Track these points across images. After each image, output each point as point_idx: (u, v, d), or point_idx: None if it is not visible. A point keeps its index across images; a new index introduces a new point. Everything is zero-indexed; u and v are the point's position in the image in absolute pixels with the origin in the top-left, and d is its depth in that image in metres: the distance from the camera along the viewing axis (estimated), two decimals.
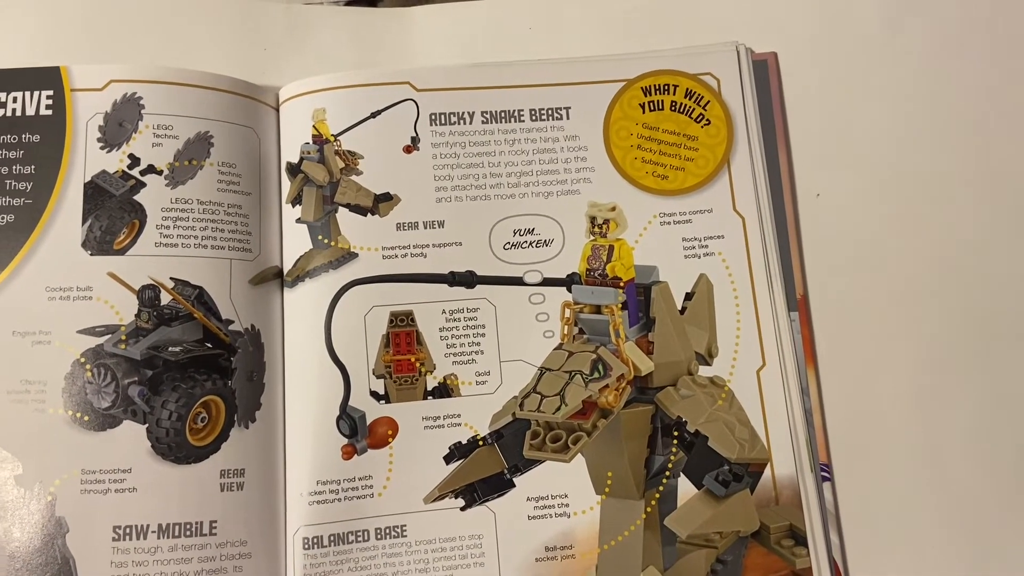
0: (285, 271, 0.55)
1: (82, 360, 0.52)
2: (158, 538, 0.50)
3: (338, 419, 0.53)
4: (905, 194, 0.58)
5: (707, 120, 0.58)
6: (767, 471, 0.53)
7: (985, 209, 0.58)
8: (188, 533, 0.50)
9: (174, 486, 0.51)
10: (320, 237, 0.56)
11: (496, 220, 0.57)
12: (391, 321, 0.55)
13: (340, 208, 0.56)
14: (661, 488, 0.52)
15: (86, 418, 0.51)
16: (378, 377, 0.54)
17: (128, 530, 0.50)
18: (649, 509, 0.52)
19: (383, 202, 0.56)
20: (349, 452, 0.53)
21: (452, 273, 0.55)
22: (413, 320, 0.55)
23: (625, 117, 0.58)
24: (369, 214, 0.56)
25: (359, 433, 0.53)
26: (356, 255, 0.55)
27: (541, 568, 0.52)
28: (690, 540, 0.53)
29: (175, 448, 0.51)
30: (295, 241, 0.56)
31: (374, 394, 0.54)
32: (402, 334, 0.54)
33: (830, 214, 0.58)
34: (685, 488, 0.52)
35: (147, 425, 0.51)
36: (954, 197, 0.58)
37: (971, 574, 0.53)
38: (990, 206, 0.58)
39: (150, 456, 0.51)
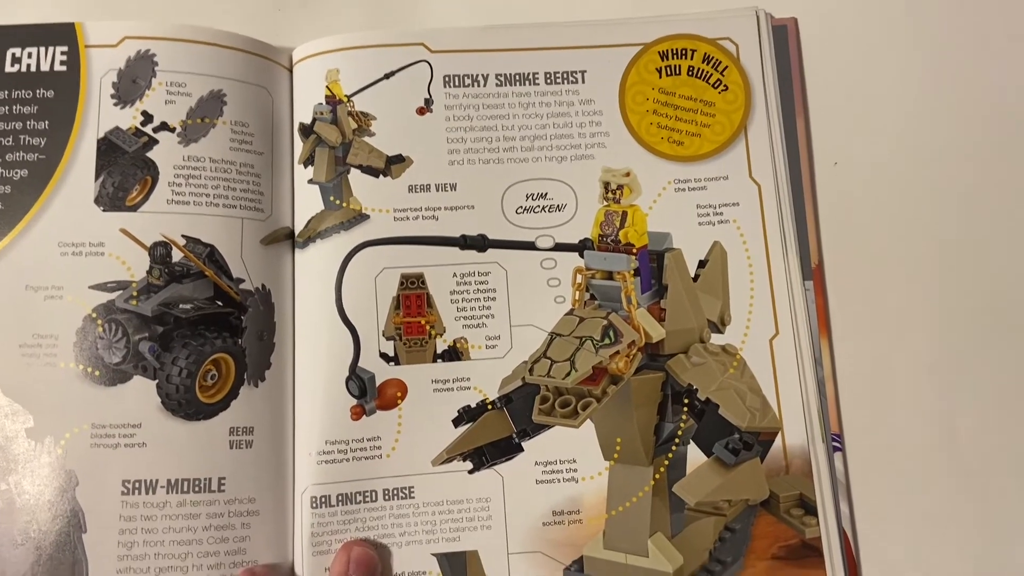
0: (296, 232, 0.56)
1: (93, 315, 0.52)
2: (167, 493, 0.51)
3: (347, 380, 0.53)
4: (924, 164, 0.58)
5: (724, 86, 0.58)
6: (777, 440, 0.53)
7: (1006, 180, 0.57)
8: (197, 489, 0.51)
9: (183, 442, 0.51)
10: (332, 198, 0.56)
11: (509, 184, 0.56)
12: (402, 283, 0.55)
13: (352, 169, 0.56)
14: (670, 455, 0.52)
15: (97, 373, 0.52)
16: (388, 339, 0.54)
17: (137, 484, 0.50)
18: (658, 476, 0.52)
19: (395, 164, 0.56)
20: (358, 413, 0.53)
21: (464, 236, 0.55)
22: (424, 283, 0.55)
23: (641, 82, 0.58)
24: (381, 176, 0.56)
25: (368, 394, 0.53)
26: (368, 216, 0.55)
27: (548, 532, 0.52)
28: (698, 507, 0.53)
29: (185, 405, 0.52)
30: (307, 202, 0.56)
31: (384, 356, 0.54)
32: (412, 296, 0.54)
33: (847, 183, 0.58)
34: (694, 455, 0.52)
35: (157, 381, 0.52)
36: (974, 167, 0.58)
37: (982, 546, 0.53)
38: (1011, 177, 0.57)
39: (160, 412, 0.51)
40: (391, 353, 0.54)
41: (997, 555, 0.53)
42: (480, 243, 0.55)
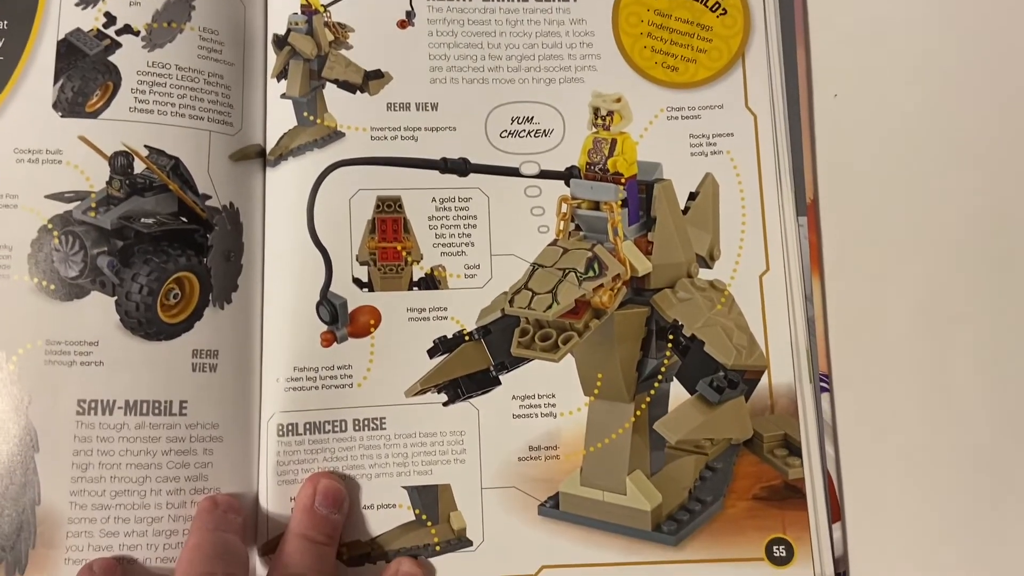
0: (268, 149, 0.53)
1: (49, 226, 0.50)
2: (125, 415, 0.49)
3: (318, 305, 0.51)
4: (926, 100, 0.56)
5: (723, 9, 0.56)
6: (763, 379, 0.52)
7: (1007, 122, 0.56)
8: (157, 412, 0.49)
9: (143, 363, 0.49)
10: (305, 114, 0.53)
11: (493, 106, 0.54)
12: (377, 206, 0.53)
13: (328, 84, 0.54)
14: (652, 392, 0.51)
15: (52, 287, 0.49)
16: (362, 264, 0.52)
17: (93, 404, 0.49)
18: (639, 413, 0.51)
19: (373, 80, 0.54)
20: (328, 339, 0.51)
21: (444, 159, 0.53)
22: (401, 206, 0.53)
23: (636, 2, 0.56)
24: (358, 92, 0.54)
25: (340, 320, 0.51)
26: (343, 134, 0.53)
27: (524, 467, 0.51)
28: (679, 446, 0.53)
29: (145, 323, 0.49)
30: (279, 118, 0.54)
31: (357, 281, 0.52)
32: (388, 220, 0.53)
33: (847, 116, 0.56)
34: (677, 393, 0.51)
35: (116, 298, 0.50)
36: (980, 104, 0.56)
37: (969, 489, 0.52)
38: (1013, 119, 0.56)
39: (118, 330, 0.49)
40: (365, 279, 0.52)
41: (985, 497, 0.52)
42: (461, 167, 0.53)
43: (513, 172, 0.54)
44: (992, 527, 0.52)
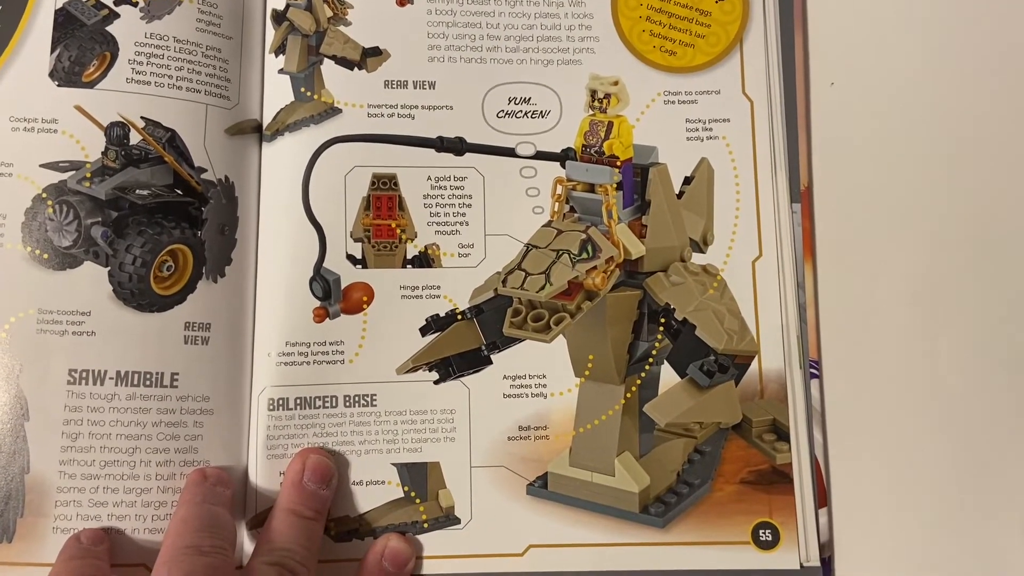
0: (264, 125, 0.54)
1: (44, 195, 0.50)
2: (116, 385, 0.49)
3: (311, 280, 0.52)
4: (923, 90, 0.57)
5: None
6: (754, 364, 0.53)
7: (1008, 108, 0.56)
8: (148, 383, 0.50)
9: (135, 334, 0.50)
10: (303, 90, 0.54)
11: (491, 86, 0.55)
12: (373, 183, 0.53)
13: (325, 60, 0.54)
14: (643, 374, 0.52)
15: (45, 256, 0.50)
16: (356, 240, 0.53)
17: (84, 374, 0.49)
18: (629, 395, 0.52)
19: (371, 57, 0.54)
20: (321, 315, 0.52)
21: (440, 138, 0.54)
22: (396, 184, 0.53)
23: None
24: (356, 69, 0.54)
25: (332, 297, 0.52)
26: (340, 111, 0.54)
27: (513, 447, 0.52)
28: (669, 428, 0.54)
29: (138, 295, 0.50)
30: (277, 94, 0.54)
31: (351, 258, 0.53)
32: (384, 198, 0.53)
33: (843, 104, 0.57)
34: (668, 376, 0.52)
35: (109, 268, 0.50)
36: (974, 97, 0.57)
37: (957, 476, 0.53)
38: (1010, 109, 0.56)
39: (111, 301, 0.50)
40: (358, 256, 0.53)
41: (972, 484, 0.53)
42: (458, 146, 0.54)
43: (509, 152, 0.54)
44: (979, 515, 0.53)
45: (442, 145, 0.54)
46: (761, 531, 0.52)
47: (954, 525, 0.53)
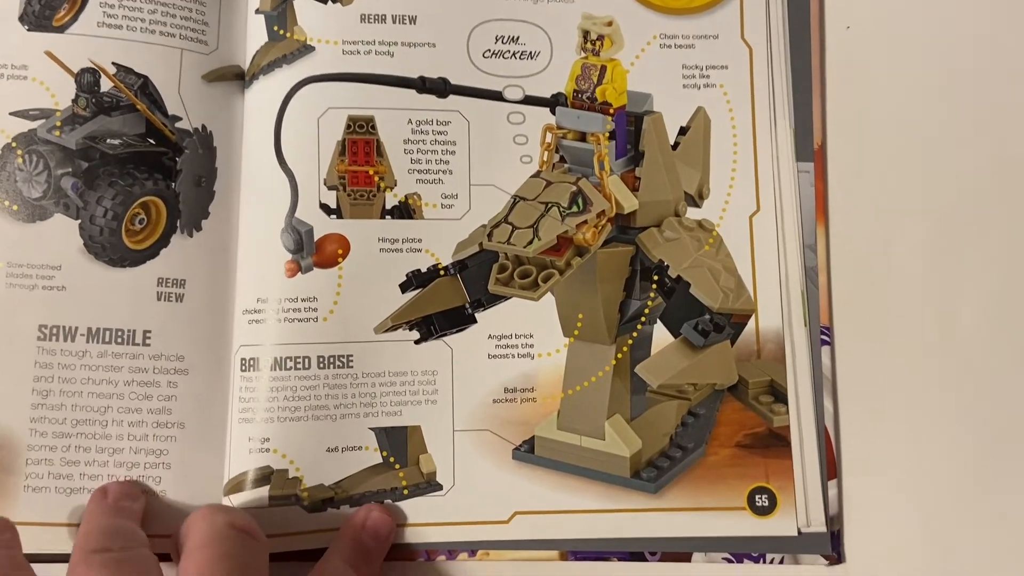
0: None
1: (13, 144, 0.50)
2: (87, 342, 0.49)
3: (282, 231, 0.51)
4: (946, 37, 0.54)
5: None
6: (750, 323, 0.51)
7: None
8: (119, 340, 0.49)
9: (106, 289, 0.49)
10: (276, 28, 0.52)
11: (476, 22, 0.53)
12: (348, 126, 0.52)
13: None
14: (635, 334, 0.51)
15: (15, 207, 0.49)
16: (330, 188, 0.52)
17: (55, 330, 0.48)
18: (620, 355, 0.50)
19: None
20: (292, 269, 0.50)
21: (422, 78, 0.52)
22: (374, 127, 0.52)
23: None
24: (330, 2, 0.53)
25: (304, 249, 0.50)
26: (313, 48, 0.52)
27: (498, 409, 0.51)
28: (661, 390, 0.52)
29: (109, 249, 0.49)
30: (255, 36, 0.53)
31: (324, 207, 0.51)
32: (360, 142, 0.52)
33: (860, 51, 0.55)
34: (660, 336, 0.50)
35: (80, 221, 0.49)
36: (1004, 44, 0.54)
37: (974, 447, 0.51)
38: None
39: (82, 255, 0.49)
40: (333, 205, 0.51)
41: (989, 458, 0.51)
42: (440, 87, 0.52)
43: (496, 96, 0.53)
44: (998, 487, 0.51)
45: (423, 86, 0.52)
46: (757, 496, 0.50)
47: (970, 497, 0.51)
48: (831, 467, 0.51)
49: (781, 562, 0.50)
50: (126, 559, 0.43)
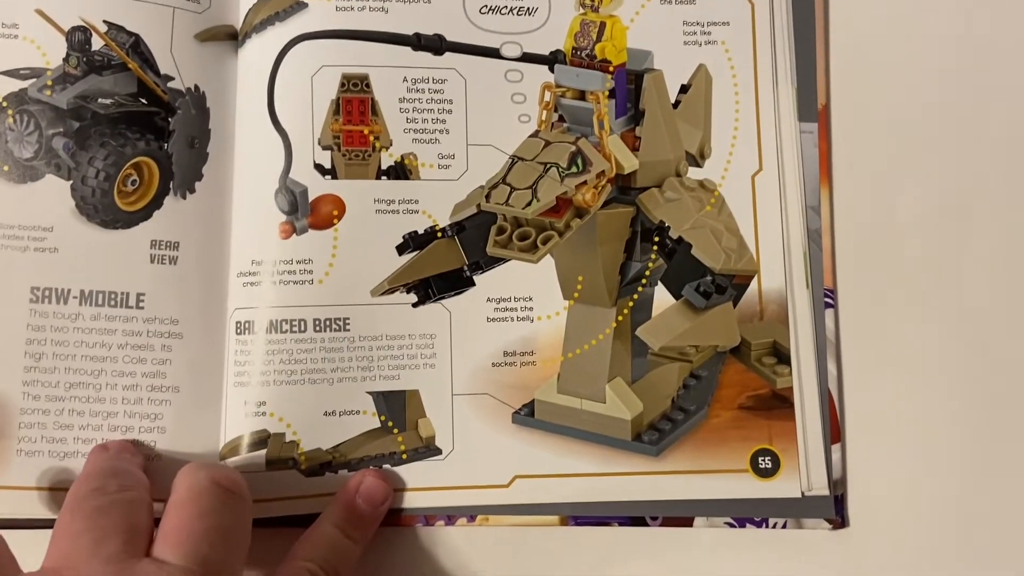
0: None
1: (4, 104, 0.49)
2: (80, 304, 0.48)
3: (276, 192, 0.50)
4: None
5: None
6: (753, 284, 0.51)
7: None
8: (112, 303, 0.49)
9: (99, 251, 0.49)
10: None
11: None
12: (343, 85, 0.51)
13: None
14: (636, 296, 0.50)
15: (6, 168, 0.49)
16: (324, 148, 0.51)
17: (47, 292, 0.48)
18: (620, 318, 0.50)
19: None
20: (287, 231, 0.50)
21: (417, 35, 0.52)
22: (369, 86, 0.51)
23: None
24: None
25: (299, 210, 0.50)
26: (305, 5, 0.52)
27: (497, 373, 0.50)
28: (663, 353, 0.52)
29: (101, 210, 0.49)
30: None
31: (319, 167, 0.51)
32: (355, 100, 0.51)
33: (864, 8, 0.54)
34: (662, 298, 0.50)
35: (72, 182, 0.49)
36: (1012, 5, 0.53)
37: (979, 412, 0.51)
38: None
39: (74, 216, 0.49)
40: (328, 165, 0.51)
41: (994, 424, 0.50)
42: (436, 44, 0.52)
43: (493, 53, 0.52)
44: (1002, 453, 0.50)
45: (419, 43, 0.52)
46: (760, 458, 0.50)
47: (974, 461, 0.51)
48: (835, 431, 0.51)
49: (784, 526, 0.50)
50: (114, 503, 0.42)
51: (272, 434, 0.49)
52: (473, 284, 0.51)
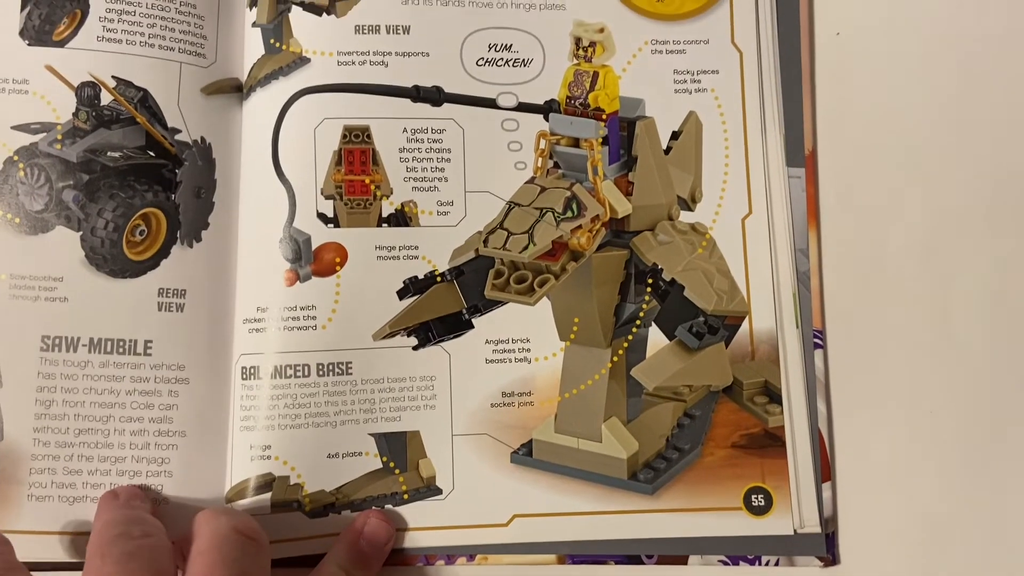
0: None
1: (15, 158, 0.51)
2: (89, 352, 0.50)
3: (280, 241, 0.52)
4: (939, 37, 0.55)
5: None
6: (744, 325, 0.52)
7: (1014, 71, 0.55)
8: (121, 350, 0.50)
9: (108, 300, 0.50)
10: (272, 41, 0.54)
11: (469, 31, 0.54)
12: (344, 136, 0.53)
13: (294, 7, 0.54)
14: (630, 337, 0.52)
15: (17, 220, 0.51)
16: (327, 198, 0.53)
17: (58, 341, 0.50)
18: (616, 358, 0.51)
19: (341, 0, 0.54)
20: (291, 278, 0.51)
21: (416, 87, 0.53)
22: (369, 137, 0.53)
23: None
24: (325, 14, 0.54)
25: (303, 258, 0.52)
26: (308, 60, 0.53)
27: (496, 414, 0.52)
28: (657, 392, 0.53)
29: (110, 260, 0.51)
30: (253, 49, 0.54)
31: (322, 216, 0.52)
32: (356, 151, 0.53)
33: (849, 57, 0.56)
34: (656, 338, 0.51)
35: (81, 233, 0.51)
36: (994, 46, 0.55)
37: (968, 451, 0.52)
38: (1018, 70, 0.55)
39: (83, 266, 0.51)
40: (330, 214, 0.52)
41: (984, 459, 0.51)
42: (435, 96, 0.53)
43: (490, 103, 0.54)
44: (991, 491, 0.51)
45: (418, 95, 0.53)
46: (753, 496, 0.51)
47: (964, 500, 0.52)
48: (825, 469, 0.52)
49: (776, 564, 0.51)
50: (140, 548, 0.44)
51: (277, 477, 0.50)
52: (472, 327, 0.52)
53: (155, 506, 0.50)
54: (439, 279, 0.52)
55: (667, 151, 0.53)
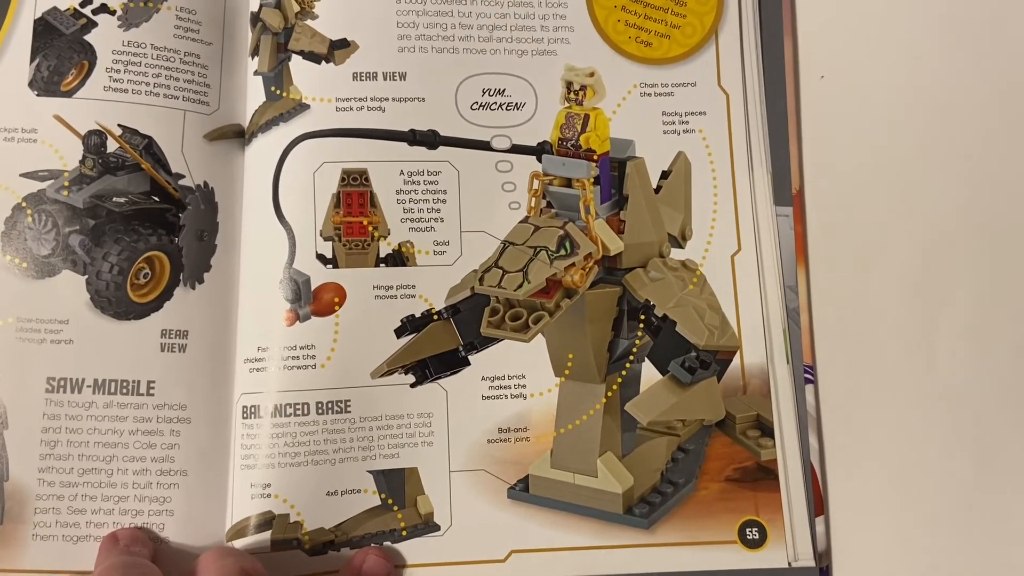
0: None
1: (23, 204, 0.53)
2: (93, 393, 0.51)
3: (281, 282, 0.53)
4: (919, 82, 0.57)
5: None
6: (736, 359, 0.53)
7: (997, 107, 0.56)
8: (124, 391, 0.51)
9: (112, 342, 0.52)
10: (273, 88, 0.56)
11: (464, 77, 0.56)
12: (343, 179, 0.55)
13: (294, 57, 0.56)
14: (624, 373, 0.53)
15: (24, 265, 0.52)
16: (326, 239, 0.54)
17: (63, 382, 0.51)
18: (610, 394, 0.52)
19: (339, 49, 0.56)
20: (291, 318, 0.53)
21: (412, 131, 0.55)
22: (367, 180, 0.55)
23: None
24: (324, 62, 0.56)
25: (302, 298, 0.53)
26: (308, 106, 0.55)
27: (493, 450, 0.53)
28: (651, 427, 0.54)
29: (115, 303, 0.52)
30: (255, 96, 0.56)
31: (321, 257, 0.54)
32: (354, 194, 0.54)
33: (834, 100, 0.57)
34: (649, 374, 0.53)
35: (87, 276, 0.52)
36: (972, 90, 0.57)
37: (958, 485, 0.53)
38: (1003, 104, 0.56)
39: (88, 309, 0.52)
40: (329, 255, 0.54)
41: (974, 493, 0.52)
42: (431, 139, 0.55)
43: (484, 146, 0.56)
44: (982, 521, 0.52)
45: (414, 138, 0.55)
46: (748, 530, 0.52)
47: (956, 532, 0.52)
48: (818, 503, 0.53)
49: None
50: None
51: (277, 515, 0.51)
52: (468, 364, 0.53)
53: (155, 546, 0.51)
54: (436, 317, 0.53)
55: (657, 190, 0.54)
